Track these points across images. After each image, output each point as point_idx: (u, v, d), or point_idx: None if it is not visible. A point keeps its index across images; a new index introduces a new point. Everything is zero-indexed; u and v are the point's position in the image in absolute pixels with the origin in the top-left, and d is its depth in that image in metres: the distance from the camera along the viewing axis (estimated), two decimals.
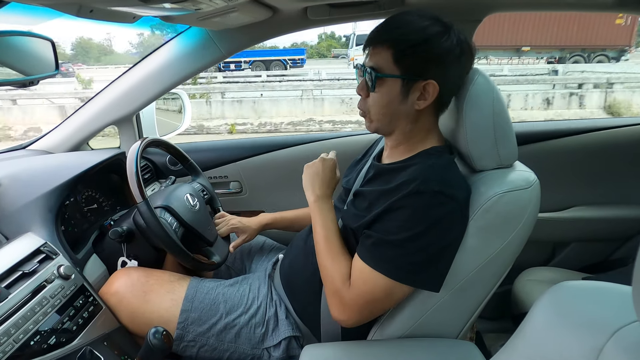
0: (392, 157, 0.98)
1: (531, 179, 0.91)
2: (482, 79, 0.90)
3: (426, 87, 0.88)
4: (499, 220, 0.88)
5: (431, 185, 0.83)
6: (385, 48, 0.87)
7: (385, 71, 0.88)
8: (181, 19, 1.10)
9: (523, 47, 19.58)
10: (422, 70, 0.87)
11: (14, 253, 0.93)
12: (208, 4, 0.92)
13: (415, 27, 0.86)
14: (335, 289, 0.89)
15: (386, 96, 0.90)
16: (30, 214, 1.09)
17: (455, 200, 0.84)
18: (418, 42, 0.85)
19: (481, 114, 0.90)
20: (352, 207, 0.98)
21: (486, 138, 0.91)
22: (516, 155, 0.95)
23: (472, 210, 0.88)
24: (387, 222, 0.85)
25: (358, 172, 1.09)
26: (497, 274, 0.93)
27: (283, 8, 1.25)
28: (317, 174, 1.04)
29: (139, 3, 0.80)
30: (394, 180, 0.89)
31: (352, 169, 1.16)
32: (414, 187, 0.83)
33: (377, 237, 0.86)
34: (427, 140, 0.95)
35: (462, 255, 0.88)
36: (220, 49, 1.37)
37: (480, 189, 0.89)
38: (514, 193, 0.87)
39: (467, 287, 0.90)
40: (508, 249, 0.89)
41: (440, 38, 0.85)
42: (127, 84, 1.42)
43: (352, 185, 1.05)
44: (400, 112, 0.91)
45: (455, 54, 0.87)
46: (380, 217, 0.86)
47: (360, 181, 1.03)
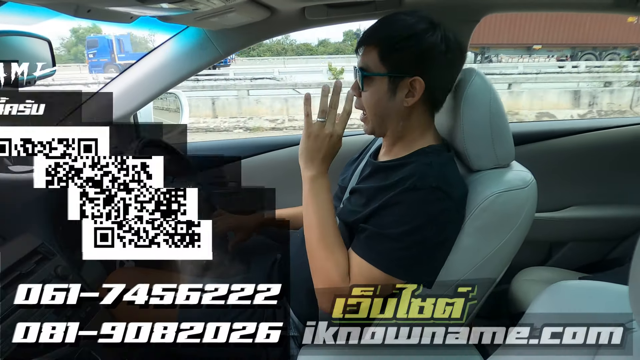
0: (389, 155, 0.98)
1: (528, 179, 0.91)
2: (479, 79, 0.91)
3: (413, 84, 0.89)
4: (496, 219, 0.88)
5: (429, 182, 0.83)
6: (372, 47, 0.90)
7: (372, 70, 0.90)
8: (179, 19, 1.10)
9: (534, 46, 19.55)
10: (407, 67, 0.88)
11: (11, 254, 0.93)
12: (206, 4, 0.92)
13: (400, 25, 0.88)
14: (330, 283, 0.87)
15: (375, 95, 0.91)
16: (27, 215, 1.09)
17: (451, 198, 0.85)
18: (401, 39, 0.87)
19: (478, 114, 0.90)
20: (348, 204, 0.98)
21: (483, 138, 0.91)
22: (513, 155, 0.96)
23: (468, 209, 0.88)
24: (384, 216, 0.86)
25: (354, 170, 1.09)
26: (494, 273, 0.93)
27: (281, 8, 1.25)
28: (319, 150, 0.93)
29: (136, 3, 0.80)
30: (392, 177, 0.89)
31: (348, 168, 1.16)
32: (411, 183, 0.83)
33: (373, 231, 0.86)
34: (424, 138, 0.95)
35: (458, 255, 0.88)
36: (217, 49, 1.36)
37: (477, 189, 0.90)
38: (511, 193, 0.88)
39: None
40: (505, 249, 0.90)
41: (424, 34, 0.87)
42: (124, 84, 1.41)
43: (348, 183, 1.05)
44: (390, 110, 0.92)
45: (440, 50, 0.87)
46: (376, 212, 0.87)
47: (356, 179, 1.03)
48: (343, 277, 0.87)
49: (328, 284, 0.88)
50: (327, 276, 0.88)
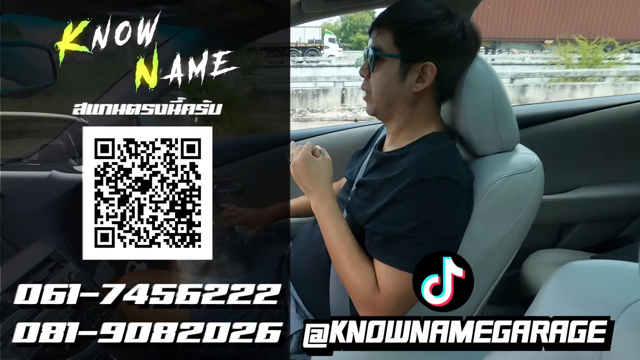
0: (393, 145, 0.98)
1: (534, 162, 0.91)
2: (480, 64, 0.90)
3: (424, 69, 0.88)
4: (503, 204, 0.88)
5: (433, 172, 0.83)
6: (387, 28, 0.89)
7: (384, 51, 0.89)
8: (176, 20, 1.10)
9: (546, 41, 19.36)
10: (420, 51, 0.87)
11: (25, 263, 0.94)
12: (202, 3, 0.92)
13: (417, 9, 0.88)
14: (365, 298, 0.86)
15: (385, 76, 0.91)
16: (38, 223, 1.10)
17: (460, 186, 0.84)
18: (418, 22, 0.86)
19: (481, 98, 0.90)
20: (355, 197, 0.98)
21: (487, 122, 0.91)
22: (518, 139, 0.95)
23: (475, 195, 0.88)
24: (393, 213, 0.85)
25: (361, 162, 1.09)
26: (504, 258, 0.93)
27: (277, 3, 1.24)
28: (320, 171, 0.96)
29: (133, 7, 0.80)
30: (395, 168, 0.88)
31: (355, 160, 1.15)
32: (416, 175, 0.83)
33: (384, 232, 0.85)
34: (428, 127, 0.95)
35: (467, 242, 0.88)
36: (216, 50, 1.36)
37: (483, 174, 0.89)
38: (517, 176, 0.87)
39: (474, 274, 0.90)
40: (514, 233, 0.89)
41: (441, 21, 0.87)
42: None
43: (356, 175, 1.05)
44: (398, 94, 0.91)
45: (457, 38, 0.87)
46: (384, 209, 0.86)
47: (363, 171, 1.03)
48: (373, 288, 0.87)
49: (363, 301, 0.87)
50: (360, 294, 0.88)
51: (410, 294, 0.85)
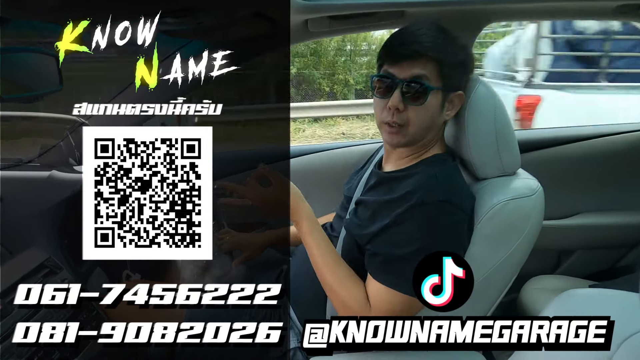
0: (394, 165, 0.98)
1: (535, 187, 0.91)
2: (483, 88, 0.91)
3: (454, 98, 0.90)
4: (503, 228, 0.87)
5: (436, 195, 0.82)
6: (429, 60, 0.86)
7: (432, 82, 0.87)
8: (182, 33, 1.11)
9: None
10: (459, 82, 0.90)
11: (19, 268, 0.93)
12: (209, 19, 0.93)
13: (454, 40, 0.90)
14: (353, 314, 0.86)
15: (430, 108, 0.88)
16: (33, 229, 1.09)
17: (461, 209, 0.84)
18: (458, 55, 0.89)
19: (483, 122, 0.90)
20: (354, 216, 0.97)
21: (489, 146, 0.91)
22: (519, 163, 0.95)
23: (476, 218, 0.88)
24: (394, 235, 0.85)
25: (359, 180, 1.09)
26: (503, 282, 0.92)
27: (283, 21, 1.26)
28: (300, 197, 0.94)
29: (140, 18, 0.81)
30: (397, 190, 0.88)
31: (353, 177, 1.15)
32: (418, 198, 0.83)
33: (385, 253, 0.85)
34: (431, 149, 0.95)
35: None
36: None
37: (484, 197, 0.89)
38: (518, 201, 0.87)
39: (473, 297, 0.89)
40: (513, 258, 0.89)
41: (470, 50, 0.93)
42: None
43: (354, 193, 1.05)
44: (435, 124, 0.92)
45: (474, 65, 0.94)
46: (385, 230, 0.86)
47: (361, 189, 1.03)
48: (362, 306, 0.86)
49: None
50: (345, 309, 0.88)
51: (403, 314, 0.85)
